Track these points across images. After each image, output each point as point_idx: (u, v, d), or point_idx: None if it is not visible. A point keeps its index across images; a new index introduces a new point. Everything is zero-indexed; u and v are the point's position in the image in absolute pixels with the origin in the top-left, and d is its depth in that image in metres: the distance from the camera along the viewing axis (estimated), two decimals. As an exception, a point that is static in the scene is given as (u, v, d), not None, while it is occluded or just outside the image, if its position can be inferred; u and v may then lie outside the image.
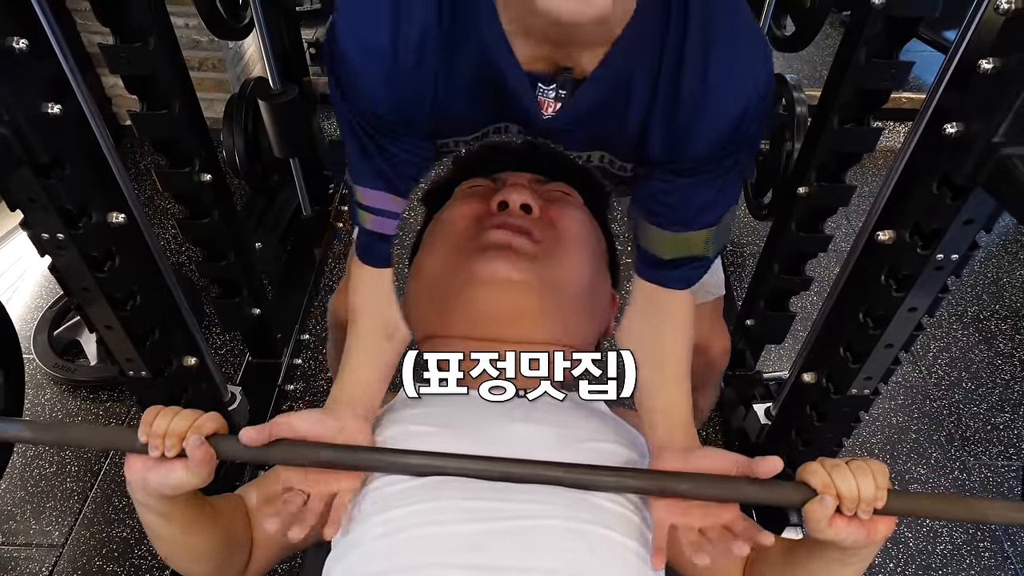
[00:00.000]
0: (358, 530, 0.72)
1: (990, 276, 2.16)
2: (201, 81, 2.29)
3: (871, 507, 0.64)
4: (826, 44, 3.09)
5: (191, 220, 1.34)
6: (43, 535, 1.50)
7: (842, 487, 0.64)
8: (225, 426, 0.72)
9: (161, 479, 0.69)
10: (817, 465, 0.67)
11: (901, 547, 1.52)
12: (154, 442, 0.67)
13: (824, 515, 0.64)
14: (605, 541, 0.70)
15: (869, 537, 0.66)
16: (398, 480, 0.74)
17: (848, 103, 1.17)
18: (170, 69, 1.12)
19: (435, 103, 0.69)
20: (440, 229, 0.85)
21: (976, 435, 1.74)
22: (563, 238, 0.82)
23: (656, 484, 0.70)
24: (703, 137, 0.69)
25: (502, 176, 0.89)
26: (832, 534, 0.65)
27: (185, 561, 0.80)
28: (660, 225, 0.76)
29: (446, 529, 0.69)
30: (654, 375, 0.78)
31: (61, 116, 0.83)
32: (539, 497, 0.71)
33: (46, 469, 1.62)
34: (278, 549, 0.86)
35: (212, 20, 1.43)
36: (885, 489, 0.65)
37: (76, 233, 0.90)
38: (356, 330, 0.81)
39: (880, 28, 1.07)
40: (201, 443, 0.67)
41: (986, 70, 0.73)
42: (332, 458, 0.71)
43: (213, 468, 0.70)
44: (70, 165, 0.87)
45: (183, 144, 1.22)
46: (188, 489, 0.70)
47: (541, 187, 0.88)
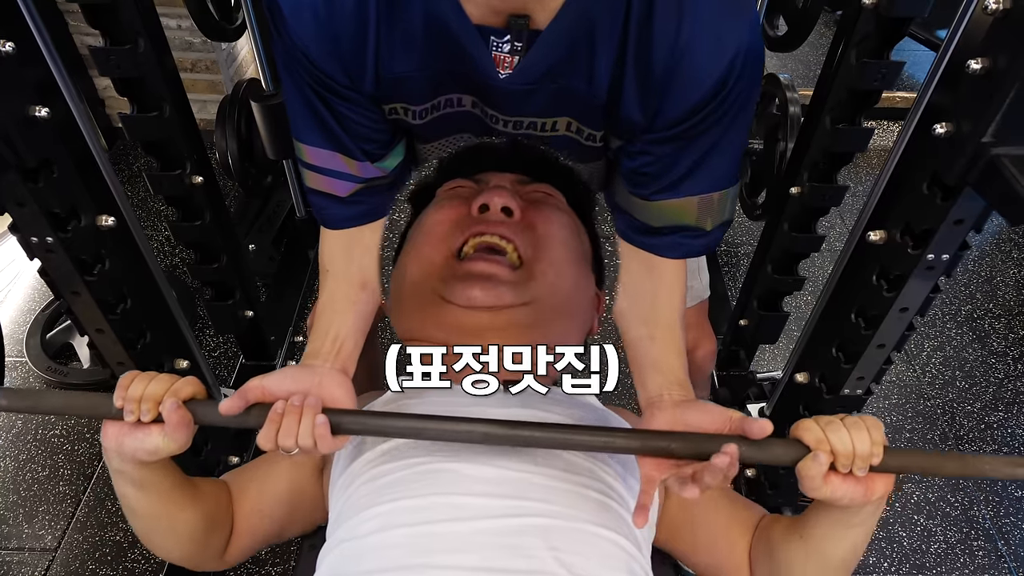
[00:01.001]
0: (349, 523, 0.73)
1: (983, 275, 2.16)
2: (194, 83, 2.29)
3: (867, 463, 0.62)
4: (819, 43, 3.10)
5: (183, 223, 1.33)
6: (36, 539, 1.50)
7: (836, 443, 0.62)
8: (203, 391, 0.69)
9: (137, 444, 0.67)
10: (810, 422, 0.65)
11: (895, 546, 1.52)
12: (130, 407, 0.65)
13: (818, 472, 0.62)
14: (594, 539, 0.71)
15: (867, 496, 0.64)
16: (389, 471, 0.75)
17: (840, 103, 1.17)
18: (160, 71, 1.11)
19: (378, 59, 0.66)
20: (422, 232, 0.84)
21: (970, 434, 1.74)
22: (544, 243, 0.81)
23: (645, 444, 0.67)
24: (682, 97, 0.65)
25: (484, 177, 0.88)
26: (828, 492, 0.63)
27: (161, 538, 0.78)
28: (645, 197, 0.74)
29: (436, 528, 0.69)
30: (645, 330, 0.77)
31: (49, 119, 0.82)
32: (529, 493, 0.72)
33: (39, 473, 1.61)
34: (262, 536, 0.84)
35: (204, 22, 1.42)
36: (881, 445, 0.63)
37: (65, 237, 0.90)
38: (327, 285, 0.79)
39: (871, 28, 1.07)
40: (178, 407, 0.65)
41: (975, 70, 0.73)
42: None
43: (191, 433, 0.68)
44: (58, 168, 0.86)
45: (174, 146, 1.22)
46: (165, 455, 0.68)
47: (523, 188, 0.87)
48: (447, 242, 0.81)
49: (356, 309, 0.79)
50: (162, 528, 0.77)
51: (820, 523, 0.71)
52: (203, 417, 0.68)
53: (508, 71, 0.66)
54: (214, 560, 0.82)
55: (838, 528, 0.69)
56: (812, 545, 0.72)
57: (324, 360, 0.74)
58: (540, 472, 0.74)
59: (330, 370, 0.73)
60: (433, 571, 0.66)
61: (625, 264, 0.81)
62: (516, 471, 0.74)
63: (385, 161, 0.78)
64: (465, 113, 0.75)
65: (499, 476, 0.73)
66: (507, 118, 0.73)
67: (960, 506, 1.59)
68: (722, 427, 0.67)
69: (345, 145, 0.74)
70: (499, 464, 0.74)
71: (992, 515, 1.58)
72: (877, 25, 1.07)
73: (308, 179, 0.79)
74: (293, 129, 0.76)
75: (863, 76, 1.11)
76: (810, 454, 0.63)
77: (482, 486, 0.72)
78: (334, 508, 0.78)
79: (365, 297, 0.80)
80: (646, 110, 0.67)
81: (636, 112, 0.68)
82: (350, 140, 0.74)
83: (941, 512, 1.58)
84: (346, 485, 0.77)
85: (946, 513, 1.58)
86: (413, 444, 0.78)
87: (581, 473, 0.76)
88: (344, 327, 0.77)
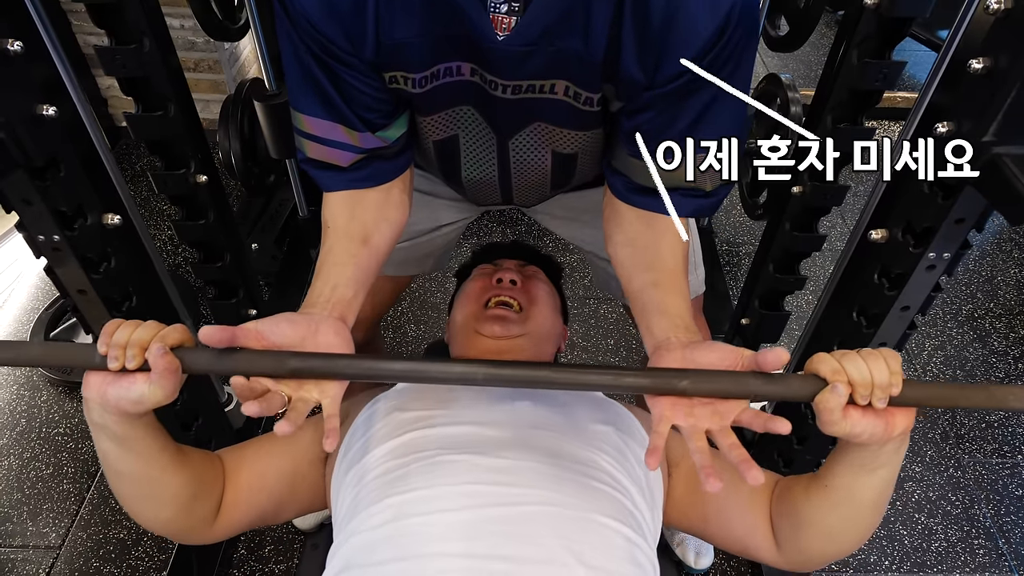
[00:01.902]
0: (360, 517, 0.73)
1: (984, 274, 2.16)
2: (197, 82, 2.30)
3: (886, 394, 0.60)
4: (821, 44, 3.10)
5: (187, 222, 1.34)
6: (40, 537, 1.50)
7: (853, 373, 0.60)
8: (191, 339, 0.66)
9: (121, 393, 0.63)
10: (825, 355, 0.63)
11: (896, 545, 1.53)
12: (115, 352, 0.62)
13: (837, 404, 0.60)
14: (601, 529, 0.72)
15: (887, 430, 0.62)
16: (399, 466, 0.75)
17: (841, 103, 1.18)
18: (165, 71, 1.12)
19: (378, 24, 0.68)
20: (464, 294, 1.07)
21: (970, 433, 1.75)
22: (534, 300, 1.03)
23: (655, 381, 0.64)
24: (681, 49, 0.66)
25: (500, 262, 1.15)
26: (848, 427, 0.61)
27: (144, 503, 0.75)
28: (641, 157, 0.74)
29: (447, 517, 0.70)
30: (648, 276, 0.77)
31: (56, 118, 0.83)
32: (537, 483, 0.73)
33: (43, 471, 1.62)
34: (257, 512, 0.83)
35: (207, 22, 1.43)
36: (899, 375, 0.61)
37: (71, 235, 0.90)
38: (327, 239, 0.80)
39: (872, 28, 1.08)
40: (165, 352, 0.62)
41: (976, 70, 0.73)
42: (302, 366, 0.65)
43: (178, 382, 0.65)
44: (65, 167, 0.87)
45: (178, 146, 1.22)
46: (151, 405, 0.65)
47: (523, 268, 1.12)
48: (479, 300, 1.02)
49: (356, 262, 0.78)
50: (145, 492, 0.74)
51: (843, 470, 0.69)
52: (191, 364, 0.64)
53: (506, 32, 0.67)
54: (200, 530, 0.80)
55: (862, 473, 0.68)
56: (838, 493, 0.70)
57: (322, 308, 0.73)
58: (548, 462, 0.75)
59: (327, 317, 0.72)
60: (445, 559, 0.67)
61: (621, 219, 0.81)
62: (524, 461, 0.75)
63: (387, 131, 0.79)
64: (464, 83, 0.75)
65: (508, 466, 0.74)
66: (506, 82, 0.74)
67: (961, 504, 1.60)
68: (734, 364, 0.64)
69: (345, 115, 0.75)
70: (507, 455, 0.75)
71: (993, 514, 1.58)
72: (878, 25, 1.07)
73: (307, 149, 0.79)
74: (292, 99, 0.77)
75: (864, 76, 1.11)
76: (828, 386, 0.60)
77: (491, 475, 0.73)
78: (343, 504, 0.79)
79: (366, 252, 0.79)
80: (645, 66, 0.69)
81: (635, 69, 0.69)
82: (350, 109, 0.75)
83: (942, 511, 1.59)
84: (355, 481, 0.78)
85: (947, 512, 1.59)
86: (423, 438, 0.79)
87: (587, 463, 0.77)
88: (343, 277, 0.76)
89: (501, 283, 1.03)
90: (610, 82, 0.72)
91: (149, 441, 0.70)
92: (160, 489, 0.74)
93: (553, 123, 0.81)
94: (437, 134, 0.86)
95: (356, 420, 0.87)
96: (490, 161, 0.90)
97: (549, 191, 1.01)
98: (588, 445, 0.80)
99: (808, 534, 0.74)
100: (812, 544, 0.75)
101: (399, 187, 0.86)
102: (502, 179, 0.94)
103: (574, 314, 1.98)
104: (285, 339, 0.67)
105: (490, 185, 0.97)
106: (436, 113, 0.82)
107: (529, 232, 2.26)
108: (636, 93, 0.72)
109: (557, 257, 2.04)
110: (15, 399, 1.77)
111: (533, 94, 0.75)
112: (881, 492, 0.70)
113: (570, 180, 0.96)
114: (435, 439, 0.79)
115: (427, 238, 1.14)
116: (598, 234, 1.12)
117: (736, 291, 2.06)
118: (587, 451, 0.79)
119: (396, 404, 0.86)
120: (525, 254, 1.20)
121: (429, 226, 1.13)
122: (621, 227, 0.82)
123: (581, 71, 0.72)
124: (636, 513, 0.77)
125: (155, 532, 0.80)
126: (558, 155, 0.87)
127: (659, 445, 0.62)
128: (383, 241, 0.83)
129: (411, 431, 0.80)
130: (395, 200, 0.85)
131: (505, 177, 0.94)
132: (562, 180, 0.96)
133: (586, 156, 0.88)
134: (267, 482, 0.83)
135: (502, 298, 1.00)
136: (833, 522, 0.72)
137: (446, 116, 0.83)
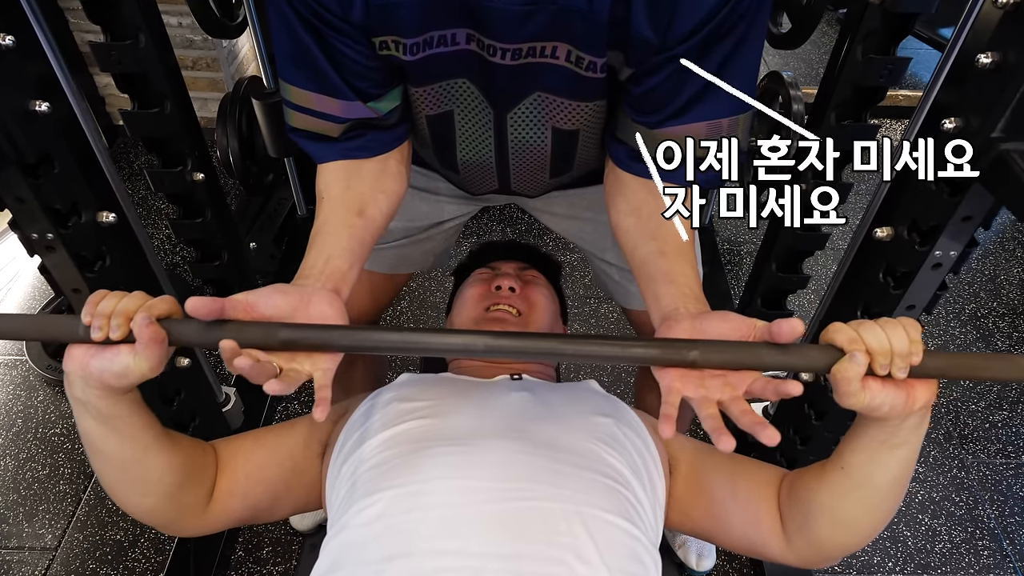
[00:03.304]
0: (353, 509, 0.72)
1: (987, 274, 2.15)
2: (195, 80, 2.28)
3: (906, 363, 0.57)
4: (822, 42, 3.09)
5: (184, 220, 1.33)
6: (36, 538, 1.49)
7: (872, 341, 0.57)
8: (179, 311, 0.63)
9: (105, 365, 0.60)
10: (841, 324, 0.60)
11: (900, 546, 1.51)
12: (98, 322, 0.59)
13: (856, 374, 0.57)
14: (604, 526, 0.70)
15: (908, 403, 0.59)
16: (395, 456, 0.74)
17: (845, 100, 1.16)
18: (161, 67, 1.11)
19: None
20: (463, 300, 1.07)
21: (974, 433, 1.73)
22: (534, 306, 1.03)
23: (663, 352, 0.61)
24: (694, 4, 0.64)
25: (498, 265, 1.14)
26: (867, 399, 0.58)
27: (128, 487, 0.72)
28: (650, 125, 0.72)
29: (441, 513, 0.68)
30: (654, 244, 0.74)
31: (49, 114, 0.82)
32: (534, 475, 0.71)
33: (39, 472, 1.60)
34: (252, 504, 0.80)
35: (205, 19, 1.41)
36: (920, 344, 0.58)
37: (65, 233, 0.89)
38: (322, 210, 0.77)
39: (876, 24, 1.06)
40: (150, 322, 0.59)
41: (984, 64, 0.72)
42: (293, 337, 0.62)
43: (164, 354, 0.62)
44: (59, 164, 0.86)
45: (175, 143, 1.21)
46: (136, 378, 0.62)
47: (521, 273, 1.12)
48: (477, 307, 1.02)
49: (351, 233, 0.76)
50: (128, 475, 0.71)
51: (860, 448, 0.66)
52: (178, 336, 0.61)
53: None
54: (189, 520, 0.77)
55: (881, 452, 0.65)
56: (856, 474, 0.67)
57: (315, 280, 0.70)
58: (547, 455, 0.74)
59: (320, 289, 0.69)
60: (439, 557, 0.65)
61: (624, 188, 0.79)
62: (523, 454, 0.73)
63: (380, 103, 0.77)
64: (460, 53, 0.73)
65: (506, 459, 0.72)
66: (505, 46, 0.71)
67: (965, 505, 1.59)
68: (746, 335, 0.61)
69: (335, 85, 0.73)
70: (505, 448, 0.74)
71: (997, 515, 1.57)
72: (883, 21, 1.06)
73: (294, 120, 0.78)
74: (280, 70, 0.75)
75: (869, 72, 1.10)
76: (846, 356, 0.57)
77: (489, 469, 0.71)
78: (337, 495, 0.77)
79: (362, 223, 0.77)
80: (657, 25, 0.66)
81: (647, 28, 0.66)
82: (341, 78, 0.73)
83: (946, 511, 1.58)
84: (351, 472, 0.77)
85: (951, 512, 1.57)
86: (419, 428, 0.77)
87: (587, 455, 0.75)
88: (337, 249, 0.74)
89: (500, 290, 1.02)
90: (618, 48, 0.70)
91: (134, 420, 0.67)
92: (144, 472, 0.70)
93: (554, 92, 0.78)
94: (431, 108, 0.83)
95: (354, 414, 0.85)
96: (487, 140, 0.87)
97: (548, 178, 0.96)
98: (589, 436, 0.78)
99: (822, 523, 0.71)
100: (826, 534, 0.72)
101: (396, 158, 0.83)
102: (499, 162, 0.91)
103: (574, 314, 1.97)
104: (276, 310, 0.64)
105: (487, 169, 0.93)
106: (430, 84, 0.79)
107: (529, 231, 2.25)
108: (646, 56, 0.69)
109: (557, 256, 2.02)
110: (11, 399, 1.75)
111: (534, 58, 0.72)
112: (900, 473, 0.67)
113: (570, 167, 0.93)
114: (432, 429, 0.77)
115: (427, 235, 1.13)
116: (598, 232, 1.11)
117: (738, 290, 2.05)
118: (587, 443, 0.77)
119: (396, 395, 0.84)
120: (523, 254, 1.18)
121: (428, 222, 1.11)
122: (624, 196, 0.79)
123: (585, 32, 0.68)
124: (637, 507, 0.75)
125: (142, 520, 0.76)
126: (558, 132, 0.84)
127: (672, 415, 0.59)
128: (379, 213, 0.80)
129: (408, 420, 0.79)
130: (392, 171, 0.82)
131: (503, 159, 0.91)
132: (562, 166, 0.92)
133: (587, 135, 0.85)
134: (265, 474, 0.81)
135: (501, 306, 1.00)
136: (849, 508, 0.69)
137: (440, 89, 0.79)
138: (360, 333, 0.64)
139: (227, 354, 0.59)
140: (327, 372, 0.64)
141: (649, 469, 0.80)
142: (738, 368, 0.60)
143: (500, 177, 0.95)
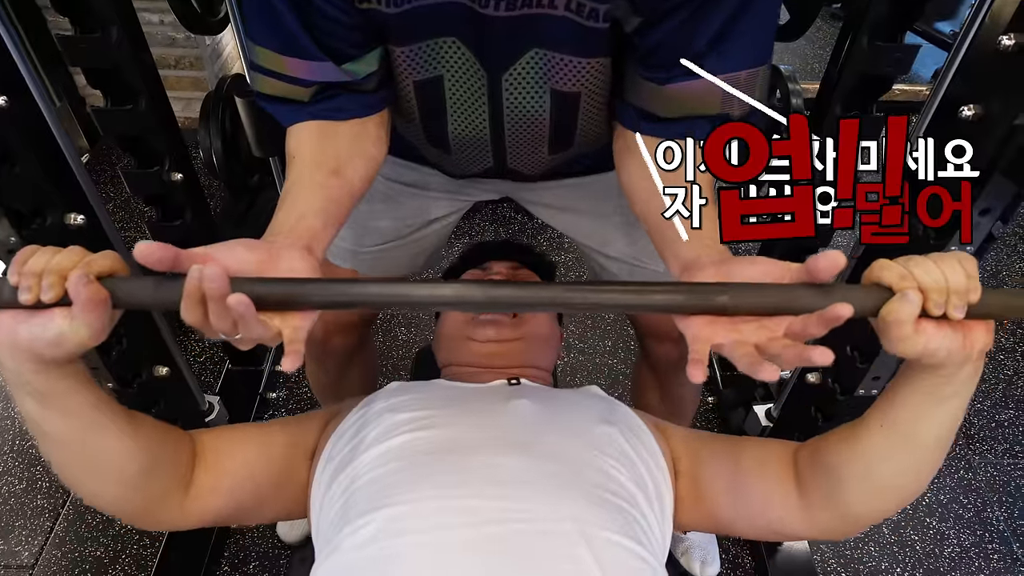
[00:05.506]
0: (348, 528, 0.68)
1: (990, 270, 2.12)
2: (178, 80, 2.22)
3: (964, 300, 0.51)
4: (817, 37, 3.07)
5: (163, 222, 1.28)
6: (12, 555, 1.43)
7: (925, 278, 0.51)
8: (125, 268, 0.55)
9: (36, 331, 0.52)
10: (888, 261, 0.53)
11: (908, 550, 1.47)
12: (26, 282, 0.51)
13: (909, 315, 0.50)
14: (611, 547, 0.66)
15: (965, 347, 0.53)
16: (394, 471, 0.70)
17: (851, 91, 1.12)
18: (135, 62, 1.05)
19: None
20: None
21: (980, 433, 1.70)
22: None
23: (689, 297, 0.55)
24: None
25: (490, 266, 1.11)
26: (921, 344, 0.52)
27: (81, 473, 0.65)
28: (661, 81, 0.67)
29: (439, 537, 0.65)
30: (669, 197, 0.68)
31: (7, 109, 0.76)
32: (538, 496, 0.68)
33: (15, 486, 1.54)
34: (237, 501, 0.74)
35: (185, 14, 1.36)
36: (977, 279, 0.52)
37: (29, 235, 0.84)
38: (292, 169, 0.71)
39: (884, 10, 1.02)
40: (88, 281, 0.51)
41: (1007, 47, 0.68)
42: (263, 291, 0.54)
43: (106, 318, 0.53)
44: (21, 163, 0.81)
45: (151, 142, 1.16)
46: (73, 347, 0.54)
47: (515, 273, 1.09)
48: None
49: (326, 193, 0.69)
50: (81, 461, 0.63)
51: (907, 402, 0.60)
52: (125, 296, 0.53)
53: None
54: (165, 513, 0.70)
55: (929, 404, 0.59)
56: (899, 431, 0.61)
57: (286, 237, 0.63)
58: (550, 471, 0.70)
59: (290, 246, 0.62)
60: None
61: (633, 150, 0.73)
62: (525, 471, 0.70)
63: (356, 64, 0.72)
64: (448, 5, 0.67)
65: (507, 477, 0.69)
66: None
67: (973, 508, 1.55)
68: (779, 278, 0.55)
69: (306, 48, 0.69)
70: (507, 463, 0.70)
71: (1006, 517, 1.53)
72: (891, 6, 1.01)
73: (262, 85, 0.72)
74: (249, 31, 0.71)
75: (876, 61, 1.05)
76: (897, 295, 0.51)
77: (487, 488, 0.68)
78: (328, 512, 0.73)
79: (338, 183, 0.70)
80: None
81: None
82: (312, 39, 0.68)
83: (954, 515, 1.54)
84: (343, 489, 0.72)
85: (959, 516, 1.53)
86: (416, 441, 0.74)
87: (591, 469, 0.72)
88: (311, 208, 0.67)
89: None
90: None
91: (79, 398, 0.59)
92: (97, 458, 0.63)
93: (553, 48, 0.72)
94: (417, 73, 0.76)
95: (344, 422, 0.80)
96: (480, 109, 0.80)
97: (548, 153, 0.88)
98: (593, 449, 0.74)
99: (855, 489, 0.65)
100: (859, 499, 0.66)
101: (375, 122, 0.76)
102: (494, 135, 0.84)
103: (569, 314, 1.93)
104: (241, 264, 0.56)
105: (481, 144, 0.86)
106: (415, 43, 0.73)
107: (523, 232, 2.20)
108: (657, 2, 0.64)
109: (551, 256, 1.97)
110: (-12, 410, 1.69)
111: (530, 9, 0.67)
112: (949, 428, 0.61)
113: (570, 141, 0.86)
114: (427, 443, 0.73)
115: (418, 235, 1.08)
116: (596, 226, 1.06)
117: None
118: (591, 455, 0.73)
119: (388, 405, 0.79)
120: (516, 254, 1.15)
121: (420, 221, 1.07)
122: (634, 157, 0.73)
123: None
124: (644, 524, 0.71)
125: (109, 513, 0.68)
126: (557, 95, 0.77)
127: (702, 360, 0.54)
128: (357, 176, 0.73)
129: (404, 433, 0.74)
130: (372, 134, 0.76)
131: (498, 131, 0.84)
132: (562, 137, 0.85)
133: (589, 99, 0.79)
134: (254, 471, 0.76)
135: None
136: (887, 470, 0.63)
137: (427, 49, 0.73)
138: (337, 286, 0.57)
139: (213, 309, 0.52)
140: (299, 330, 0.57)
141: (656, 479, 0.77)
142: (773, 313, 0.54)
143: (495, 152, 0.88)
